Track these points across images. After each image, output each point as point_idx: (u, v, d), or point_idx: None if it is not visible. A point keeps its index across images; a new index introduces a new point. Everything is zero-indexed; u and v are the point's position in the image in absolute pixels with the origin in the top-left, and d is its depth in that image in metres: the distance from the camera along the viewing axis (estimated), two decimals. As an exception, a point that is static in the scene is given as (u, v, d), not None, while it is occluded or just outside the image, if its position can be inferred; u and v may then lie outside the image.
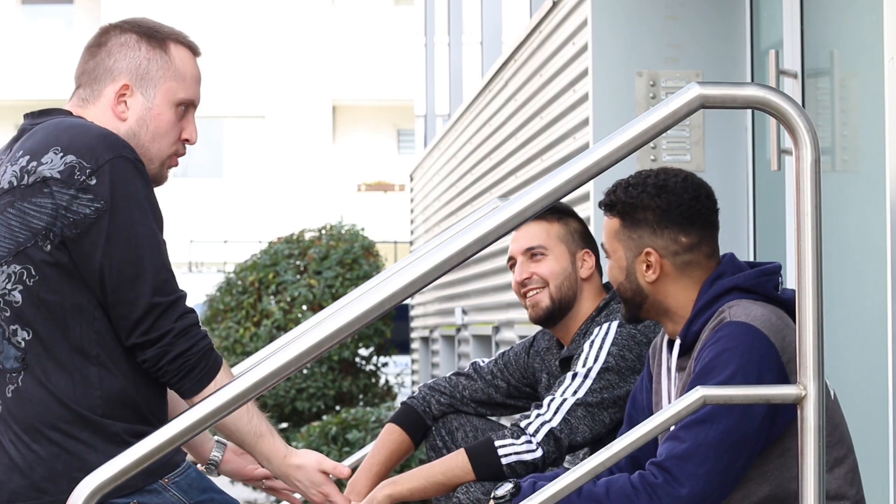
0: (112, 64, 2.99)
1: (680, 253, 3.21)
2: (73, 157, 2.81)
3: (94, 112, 2.98)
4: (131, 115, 2.98)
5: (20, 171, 2.84)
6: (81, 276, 2.81)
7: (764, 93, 2.56)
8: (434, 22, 12.12)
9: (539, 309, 3.96)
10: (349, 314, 2.58)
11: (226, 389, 2.61)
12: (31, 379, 2.80)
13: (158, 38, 3.02)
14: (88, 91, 3.01)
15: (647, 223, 3.22)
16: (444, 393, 4.15)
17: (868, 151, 4.27)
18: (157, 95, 2.99)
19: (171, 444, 2.59)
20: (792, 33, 4.82)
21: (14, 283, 2.81)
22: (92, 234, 2.79)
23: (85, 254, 2.80)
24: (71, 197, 2.79)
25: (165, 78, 3.00)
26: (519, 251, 4.01)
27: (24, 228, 2.81)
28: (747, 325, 3.01)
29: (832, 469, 3.03)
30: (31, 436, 2.80)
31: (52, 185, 2.79)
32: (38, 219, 2.80)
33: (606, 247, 3.29)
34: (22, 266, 2.81)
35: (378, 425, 9.25)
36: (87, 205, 2.79)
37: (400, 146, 30.80)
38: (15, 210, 2.82)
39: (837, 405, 3.13)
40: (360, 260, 12.45)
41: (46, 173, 2.81)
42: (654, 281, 3.21)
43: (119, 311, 2.82)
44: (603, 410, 3.72)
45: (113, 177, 2.81)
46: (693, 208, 3.22)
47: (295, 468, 2.99)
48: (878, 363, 3.89)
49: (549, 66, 6.57)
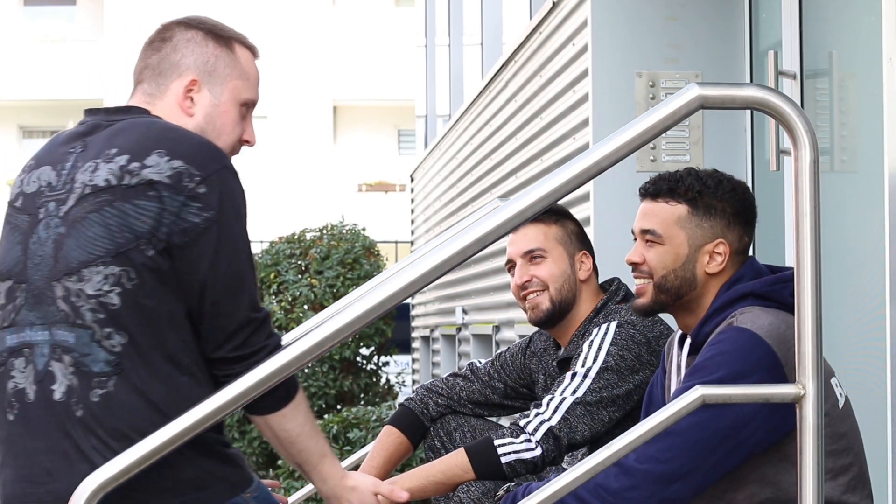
0: (179, 59, 2.93)
1: (740, 252, 3.22)
2: (180, 163, 2.73)
3: (161, 107, 2.91)
4: (198, 111, 2.93)
5: (119, 170, 2.74)
6: (179, 284, 2.73)
7: (763, 93, 2.57)
8: (435, 23, 12.13)
9: (539, 311, 3.97)
10: (350, 314, 2.59)
11: (226, 390, 2.63)
12: (124, 384, 2.70)
13: (224, 36, 2.97)
14: (154, 86, 2.93)
15: (725, 214, 3.19)
16: (442, 394, 4.16)
17: (867, 152, 4.27)
18: (224, 93, 2.95)
19: (172, 443, 2.60)
20: (791, 34, 4.83)
21: (112, 284, 2.71)
22: (201, 244, 2.72)
23: (191, 262, 2.72)
24: (181, 204, 2.71)
25: (232, 76, 2.96)
26: (518, 254, 4.01)
27: (126, 230, 2.71)
28: (749, 332, 3.00)
29: (836, 477, 3.02)
30: (120, 442, 2.68)
31: (161, 189, 2.71)
32: (143, 222, 2.71)
33: (661, 234, 3.20)
34: (122, 268, 2.71)
35: (379, 424, 9.25)
36: (197, 213, 2.72)
37: (400, 146, 30.79)
38: (115, 210, 2.72)
39: (847, 414, 3.10)
40: (361, 260, 12.45)
41: (153, 176, 2.72)
42: (714, 273, 3.18)
43: (215, 323, 2.74)
44: (602, 409, 3.73)
45: (221, 187, 2.75)
46: (755, 212, 3.25)
47: (349, 489, 2.94)
48: (878, 363, 3.90)
49: (550, 66, 6.58)
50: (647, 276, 3.22)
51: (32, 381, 2.76)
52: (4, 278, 2.83)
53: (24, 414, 2.76)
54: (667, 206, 3.21)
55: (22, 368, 2.77)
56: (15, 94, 29.71)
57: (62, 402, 2.72)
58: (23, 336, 2.78)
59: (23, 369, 2.77)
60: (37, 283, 2.77)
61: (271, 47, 29.56)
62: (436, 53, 12.09)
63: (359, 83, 29.78)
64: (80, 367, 2.72)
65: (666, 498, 2.98)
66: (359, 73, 29.73)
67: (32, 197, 2.84)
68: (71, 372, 2.73)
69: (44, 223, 2.80)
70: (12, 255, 2.83)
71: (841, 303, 4.36)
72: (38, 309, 2.77)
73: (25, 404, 2.76)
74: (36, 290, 2.77)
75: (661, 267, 3.21)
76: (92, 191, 2.76)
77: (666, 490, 2.97)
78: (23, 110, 30.42)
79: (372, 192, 29.64)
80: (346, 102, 30.28)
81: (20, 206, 2.85)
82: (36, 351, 2.76)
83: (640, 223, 3.25)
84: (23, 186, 2.86)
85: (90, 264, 2.73)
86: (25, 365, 2.77)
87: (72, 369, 2.73)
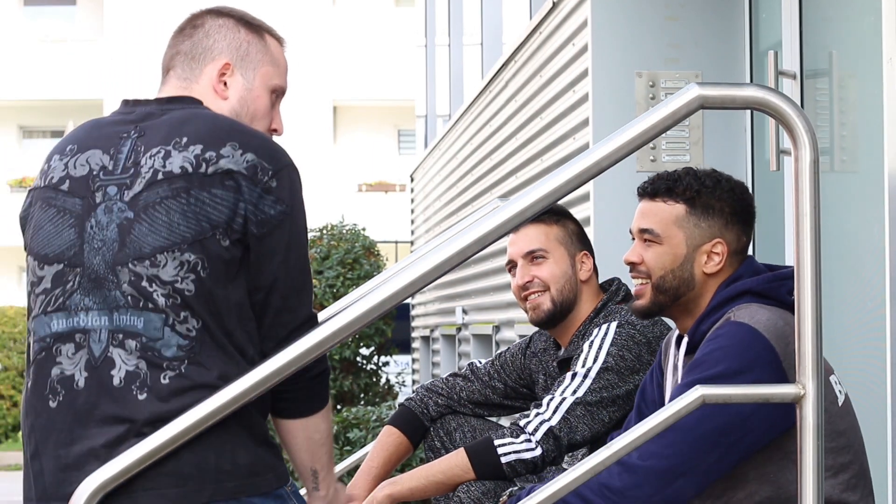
0: (212, 44, 2.93)
1: (738, 252, 3.22)
2: (252, 156, 2.74)
3: (198, 91, 2.90)
4: (232, 94, 2.92)
5: (195, 158, 2.73)
6: (249, 275, 2.73)
7: (763, 93, 2.57)
8: (435, 23, 12.13)
9: (540, 311, 3.96)
10: (350, 314, 2.59)
11: (226, 390, 2.63)
12: (196, 369, 2.69)
13: (254, 24, 2.99)
14: (188, 70, 2.92)
15: (723, 214, 3.19)
16: (442, 394, 4.16)
17: (867, 152, 4.28)
18: (256, 78, 2.95)
19: (173, 443, 2.60)
20: (791, 34, 4.83)
21: (187, 271, 2.69)
22: (276, 236, 2.73)
23: (266, 254, 2.73)
24: (259, 195, 2.72)
25: (264, 62, 2.96)
26: (519, 254, 4.01)
27: (203, 218, 2.70)
28: (748, 327, 3.00)
29: (836, 474, 3.02)
30: None
31: (241, 179, 2.71)
32: (220, 211, 2.70)
33: (658, 233, 3.20)
34: (197, 256, 2.69)
35: (379, 424, 9.26)
36: (272, 206, 2.73)
37: (400, 146, 30.79)
38: (191, 198, 2.71)
39: (846, 411, 3.10)
40: (361, 260, 12.47)
41: (231, 167, 2.72)
42: (711, 273, 3.18)
43: (280, 319, 2.75)
44: (602, 409, 3.73)
45: (291, 182, 2.77)
46: (753, 212, 3.25)
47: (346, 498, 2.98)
48: (878, 363, 3.90)
49: (550, 66, 6.58)
50: (645, 276, 3.22)
51: (84, 368, 2.72)
52: (52, 262, 2.78)
53: (72, 401, 2.72)
54: (665, 206, 3.22)
55: (70, 354, 2.74)
56: (15, 94, 29.71)
57: (121, 388, 2.69)
58: (75, 321, 2.74)
59: (71, 355, 2.74)
60: (96, 268, 2.74)
61: (271, 47, 29.57)
62: (436, 53, 12.10)
63: (359, 83, 29.78)
64: (148, 351, 2.70)
65: (670, 494, 2.99)
66: (359, 73, 29.74)
67: (84, 180, 2.79)
68: (136, 357, 2.70)
69: (103, 207, 2.76)
70: (63, 238, 2.78)
71: (841, 303, 4.36)
72: (96, 293, 2.73)
73: (74, 391, 2.72)
74: (94, 275, 2.74)
75: (660, 267, 3.21)
76: (166, 177, 2.73)
77: (670, 486, 2.97)
78: (23, 110, 30.43)
79: (372, 192, 29.65)
80: (346, 102, 30.29)
81: (68, 188, 2.80)
82: (91, 336, 2.73)
83: (638, 223, 3.25)
84: (68, 169, 2.81)
85: (166, 250, 2.71)
86: (75, 351, 2.73)
87: (137, 354, 2.70)
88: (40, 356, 2.77)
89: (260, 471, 2.73)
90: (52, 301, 2.77)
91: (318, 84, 29.59)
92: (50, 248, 2.80)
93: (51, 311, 2.77)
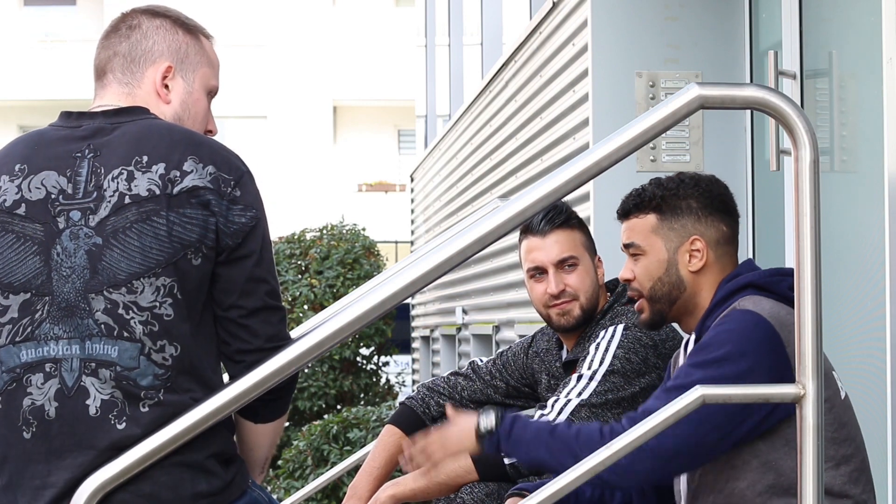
0: (151, 45, 2.89)
1: (721, 243, 3.26)
2: (213, 168, 2.72)
3: (141, 96, 2.86)
4: (174, 98, 2.89)
5: (160, 178, 2.69)
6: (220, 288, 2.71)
7: (763, 93, 2.57)
8: (435, 23, 12.14)
9: (570, 318, 3.92)
10: (350, 314, 2.59)
11: (226, 390, 2.63)
12: (173, 396, 2.67)
13: (190, 25, 2.95)
14: (128, 74, 2.88)
15: (692, 211, 3.26)
16: (443, 394, 4.15)
17: (867, 152, 4.28)
18: (196, 80, 2.93)
19: (170, 445, 2.61)
20: (791, 34, 4.83)
21: (164, 295, 2.67)
22: (250, 242, 2.72)
23: (241, 258, 2.72)
24: (227, 207, 2.70)
25: (202, 63, 2.94)
26: (551, 262, 3.93)
27: (176, 240, 2.67)
28: (752, 313, 3.05)
29: (837, 466, 3.04)
30: None
31: (207, 194, 2.69)
32: (191, 230, 2.68)
33: (641, 245, 3.28)
34: (171, 279, 2.67)
35: (379, 424, 9.26)
36: (241, 213, 2.72)
37: (400, 146, 30.80)
38: (161, 220, 2.67)
39: (847, 406, 3.13)
40: (361, 260, 12.47)
41: (196, 183, 2.69)
42: (696, 271, 3.24)
43: (263, 318, 2.74)
44: (607, 412, 3.72)
45: (252, 188, 2.76)
46: (730, 198, 3.30)
47: None
48: (878, 362, 3.90)
49: (550, 66, 6.58)
50: (638, 293, 3.31)
51: (53, 398, 2.67)
52: (19, 291, 2.71)
53: (45, 432, 2.68)
54: (639, 220, 3.31)
55: (40, 384, 2.68)
56: (15, 94, 29.70)
57: (97, 417, 2.66)
58: (45, 350, 2.69)
59: (41, 385, 2.68)
60: (66, 296, 2.69)
61: (271, 47, 29.57)
62: (436, 53, 12.10)
63: (359, 83, 29.78)
64: (123, 381, 2.66)
65: (672, 470, 3.10)
66: (359, 73, 29.74)
67: (42, 204, 2.73)
68: (111, 386, 2.66)
69: (68, 233, 2.70)
70: (28, 266, 2.72)
71: (841, 302, 4.37)
72: (67, 322, 2.68)
73: (46, 422, 2.67)
74: (65, 303, 2.68)
75: (648, 279, 3.29)
76: (133, 200, 2.69)
77: (672, 462, 3.04)
78: (23, 110, 30.43)
79: (372, 192, 29.65)
80: (346, 102, 30.29)
81: (25, 213, 2.73)
82: (63, 365, 2.68)
83: (622, 241, 3.35)
84: (23, 192, 2.74)
85: (142, 276, 2.67)
86: (45, 381, 2.68)
87: (112, 384, 2.66)
88: (11, 387, 2.71)
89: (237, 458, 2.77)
90: (21, 331, 2.71)
91: (318, 84, 29.59)
92: (14, 277, 2.72)
93: (19, 341, 2.71)
